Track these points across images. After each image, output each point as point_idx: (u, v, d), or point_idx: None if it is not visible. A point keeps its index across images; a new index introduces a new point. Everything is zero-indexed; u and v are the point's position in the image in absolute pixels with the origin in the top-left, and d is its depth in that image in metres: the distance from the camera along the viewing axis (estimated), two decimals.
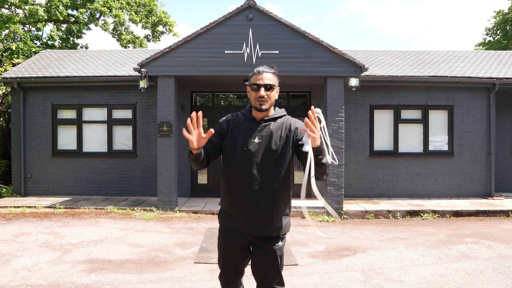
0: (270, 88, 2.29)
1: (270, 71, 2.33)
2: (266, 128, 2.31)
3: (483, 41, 23.77)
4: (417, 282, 4.19)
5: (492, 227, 6.95)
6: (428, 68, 10.03)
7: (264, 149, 2.26)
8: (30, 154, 9.79)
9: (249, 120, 2.35)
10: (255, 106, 2.30)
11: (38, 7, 15.36)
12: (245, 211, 2.28)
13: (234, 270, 2.41)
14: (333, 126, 8.16)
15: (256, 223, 2.27)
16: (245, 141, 2.28)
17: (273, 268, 2.31)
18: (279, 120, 2.36)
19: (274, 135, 2.29)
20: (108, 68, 10.21)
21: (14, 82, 9.46)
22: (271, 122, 2.34)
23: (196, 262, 4.82)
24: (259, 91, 2.27)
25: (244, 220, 2.28)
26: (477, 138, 9.70)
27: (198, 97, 10.12)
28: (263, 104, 2.28)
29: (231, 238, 2.36)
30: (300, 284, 4.12)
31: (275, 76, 2.35)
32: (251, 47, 8.06)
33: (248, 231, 2.29)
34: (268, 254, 2.29)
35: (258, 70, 2.31)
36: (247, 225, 2.28)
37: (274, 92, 2.32)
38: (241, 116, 2.40)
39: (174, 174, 8.23)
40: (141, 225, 6.84)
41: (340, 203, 8.06)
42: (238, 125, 2.35)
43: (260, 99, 2.27)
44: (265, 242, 2.29)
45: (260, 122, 2.33)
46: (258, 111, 2.31)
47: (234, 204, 2.31)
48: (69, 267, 4.59)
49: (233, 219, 2.34)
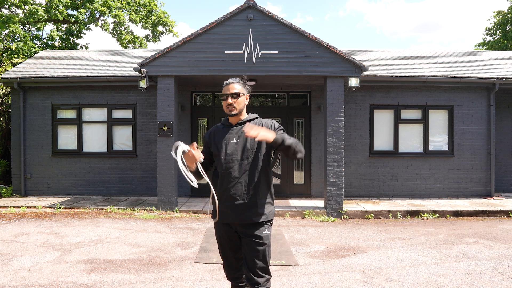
0: (237, 95, 2.67)
1: (236, 81, 2.71)
2: (241, 129, 2.66)
3: (483, 41, 23.78)
4: (417, 282, 4.20)
5: (492, 227, 6.95)
6: (428, 68, 10.03)
7: (242, 147, 2.63)
8: (30, 154, 9.79)
9: (227, 126, 2.76)
10: (226, 112, 2.70)
11: (38, 7, 15.36)
12: (231, 203, 2.59)
13: (233, 256, 2.72)
14: (333, 126, 8.16)
15: (241, 212, 2.58)
16: (226, 143, 2.67)
17: (259, 255, 2.57)
18: (252, 121, 2.72)
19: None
20: (108, 68, 10.22)
21: (14, 82, 9.46)
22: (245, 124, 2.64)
23: (196, 262, 4.82)
24: (227, 100, 2.66)
25: (231, 211, 2.60)
26: (477, 138, 9.70)
27: (198, 97, 10.12)
28: (232, 110, 2.67)
29: (224, 229, 2.68)
30: (300, 284, 4.12)
31: (242, 85, 2.73)
32: (251, 47, 8.06)
33: (236, 220, 2.60)
34: (253, 240, 2.57)
35: (226, 83, 2.71)
36: (234, 216, 2.60)
37: (241, 99, 2.69)
38: (220, 125, 2.81)
39: (174, 174, 8.22)
40: (141, 225, 6.84)
41: (340, 203, 8.06)
42: (218, 133, 2.75)
43: (229, 106, 2.67)
44: (251, 229, 2.59)
45: (236, 125, 2.71)
46: (229, 117, 2.72)
47: (222, 199, 2.63)
48: (69, 267, 4.59)
49: (223, 213, 2.64)
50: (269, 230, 2.64)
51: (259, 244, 2.57)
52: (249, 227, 2.59)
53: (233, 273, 2.78)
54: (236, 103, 2.66)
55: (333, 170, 8.14)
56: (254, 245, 2.56)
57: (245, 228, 2.60)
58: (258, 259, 2.56)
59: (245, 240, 2.60)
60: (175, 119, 8.28)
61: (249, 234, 2.58)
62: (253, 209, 2.59)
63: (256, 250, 2.56)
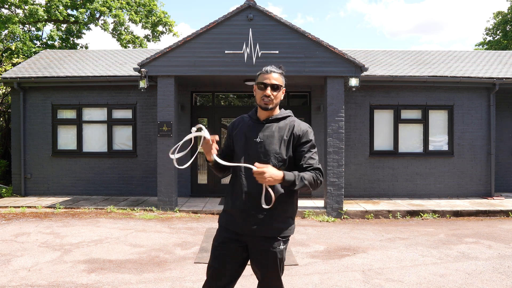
0: (277, 88, 2.30)
1: (278, 71, 2.34)
2: (269, 128, 2.32)
3: (483, 41, 23.77)
4: (417, 282, 4.19)
5: (492, 227, 6.95)
6: (428, 68, 10.03)
7: (265, 149, 2.27)
8: (30, 154, 9.79)
9: (254, 120, 2.39)
10: (260, 105, 2.32)
11: (38, 7, 15.36)
12: (245, 211, 2.25)
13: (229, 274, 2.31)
14: (333, 126, 8.16)
15: (255, 223, 2.24)
16: (248, 141, 2.31)
17: (272, 271, 2.26)
18: (283, 121, 2.36)
19: (276, 136, 2.29)
20: (108, 68, 10.21)
21: (14, 82, 9.45)
22: (274, 123, 2.35)
23: (196, 262, 4.82)
24: (266, 90, 2.28)
25: (243, 219, 2.26)
26: (477, 138, 9.70)
27: (198, 97, 10.12)
28: (268, 104, 2.30)
29: (227, 236, 2.32)
30: (300, 284, 4.12)
31: (282, 77, 2.37)
32: (251, 47, 8.06)
33: (247, 231, 2.26)
34: (267, 255, 2.24)
35: (266, 70, 2.33)
36: (246, 225, 2.25)
37: (280, 93, 2.33)
38: (246, 117, 2.44)
39: (174, 174, 8.22)
40: (141, 225, 6.84)
41: (340, 203, 8.06)
42: (243, 126, 2.39)
43: (266, 98, 2.29)
44: (264, 242, 2.25)
45: (264, 122, 2.35)
46: (263, 110, 2.34)
47: (235, 204, 2.30)
48: (69, 267, 4.59)
49: (232, 219, 2.31)
50: (285, 244, 2.29)
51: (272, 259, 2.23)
52: (262, 240, 2.25)
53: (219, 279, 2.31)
54: (275, 97, 2.29)
55: (333, 170, 8.13)
56: (267, 260, 2.24)
57: (257, 239, 2.26)
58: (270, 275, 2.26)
59: (256, 252, 2.27)
60: (175, 119, 8.28)
61: (261, 247, 2.24)
62: (269, 222, 2.24)
63: (268, 264, 2.24)
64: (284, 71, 2.42)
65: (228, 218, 2.35)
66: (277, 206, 2.23)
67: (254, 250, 2.28)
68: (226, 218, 2.36)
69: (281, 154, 2.26)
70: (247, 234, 2.27)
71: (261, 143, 2.28)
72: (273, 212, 2.24)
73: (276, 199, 2.18)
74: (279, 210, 2.26)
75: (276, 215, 2.26)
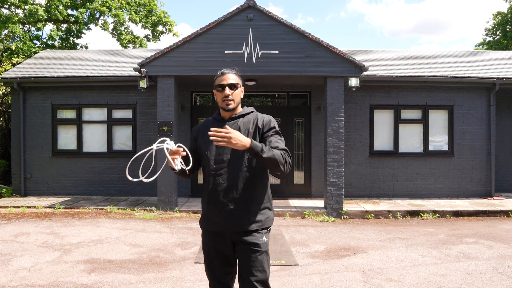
0: (234, 87, 2.38)
1: (232, 71, 2.42)
2: (234, 125, 2.38)
3: (483, 41, 23.77)
4: (417, 282, 4.19)
5: (492, 227, 6.95)
6: (428, 68, 10.03)
7: None
8: (30, 154, 9.78)
9: (218, 120, 2.45)
10: (222, 107, 2.40)
11: (38, 7, 15.35)
12: (221, 209, 2.30)
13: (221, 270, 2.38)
14: (333, 126, 8.16)
15: (234, 219, 2.28)
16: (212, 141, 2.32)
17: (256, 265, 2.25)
18: (247, 116, 2.43)
19: (241, 130, 2.35)
20: (108, 68, 10.21)
21: (14, 82, 9.45)
22: (239, 119, 2.41)
23: (196, 262, 4.82)
24: (224, 91, 2.36)
25: (221, 218, 2.30)
26: (477, 138, 9.70)
27: (198, 97, 10.12)
28: (229, 104, 2.37)
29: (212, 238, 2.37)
30: (300, 284, 4.12)
31: (238, 76, 2.44)
32: (251, 47, 8.06)
33: (227, 229, 2.30)
34: (249, 247, 2.27)
35: (221, 72, 2.41)
36: (225, 223, 2.30)
37: (238, 91, 2.41)
38: (211, 119, 2.51)
39: (174, 174, 8.21)
40: (141, 225, 6.84)
41: (340, 203, 8.06)
42: (206, 129, 2.38)
43: (226, 98, 2.36)
44: (246, 236, 2.28)
45: (229, 120, 2.41)
46: (225, 111, 2.41)
47: (210, 204, 2.35)
48: (69, 267, 4.59)
49: (211, 220, 2.36)
50: (267, 237, 2.33)
51: (255, 251, 2.25)
52: (244, 235, 2.29)
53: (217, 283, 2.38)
54: (233, 95, 2.36)
55: (333, 170, 8.13)
56: (250, 252, 2.25)
57: (239, 236, 2.29)
58: (255, 270, 2.23)
59: (240, 249, 2.30)
60: (175, 119, 8.28)
61: (244, 242, 2.28)
62: (246, 216, 2.28)
63: (252, 259, 2.24)
64: (239, 72, 2.48)
65: (207, 220, 2.39)
66: (253, 199, 2.31)
67: (238, 248, 2.32)
68: (206, 220, 2.41)
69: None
70: (229, 232, 2.31)
71: None
72: (250, 206, 2.30)
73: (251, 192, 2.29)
74: (255, 203, 2.33)
75: (254, 208, 2.32)
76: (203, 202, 2.44)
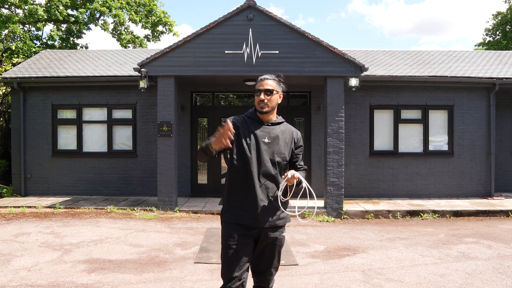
0: (270, 92, 2.56)
1: (271, 77, 2.61)
2: (273, 130, 2.61)
3: (483, 41, 23.77)
4: (417, 282, 4.20)
5: (492, 227, 6.95)
6: (428, 68, 10.03)
7: (273, 148, 2.56)
8: (30, 154, 9.79)
9: (256, 121, 2.62)
10: (258, 109, 2.60)
11: (38, 7, 15.34)
12: (256, 205, 2.49)
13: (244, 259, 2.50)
14: (333, 126, 8.16)
15: (267, 215, 2.52)
16: (257, 140, 2.55)
17: (277, 255, 2.62)
18: (282, 125, 2.68)
19: (280, 137, 2.60)
20: (108, 68, 10.21)
21: (14, 82, 9.45)
22: (277, 126, 2.64)
23: (196, 262, 4.82)
24: (260, 96, 2.55)
25: (255, 213, 2.49)
26: (477, 138, 9.70)
27: (198, 97, 10.12)
28: (263, 107, 2.56)
29: (239, 231, 2.50)
30: (300, 284, 4.12)
31: (277, 83, 2.61)
32: (251, 47, 8.06)
33: (259, 224, 2.51)
34: (276, 242, 2.58)
35: (260, 78, 2.62)
36: (259, 219, 2.50)
37: (275, 97, 2.59)
38: (247, 118, 2.65)
39: (174, 174, 8.22)
40: (141, 225, 6.84)
41: (340, 203, 8.06)
42: (246, 126, 2.60)
43: (260, 103, 2.55)
44: (274, 232, 2.56)
45: (267, 124, 2.62)
46: (260, 114, 2.60)
47: (246, 199, 2.52)
48: (69, 267, 4.59)
49: (243, 214, 2.52)
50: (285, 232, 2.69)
51: (278, 246, 2.61)
52: (272, 230, 2.56)
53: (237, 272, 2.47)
54: (269, 101, 2.55)
55: (333, 170, 8.13)
56: (274, 246, 2.59)
57: (268, 230, 2.55)
58: (276, 260, 2.64)
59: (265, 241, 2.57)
60: (175, 119, 8.28)
61: (271, 236, 2.56)
62: (277, 213, 2.57)
63: (275, 252, 2.61)
64: (282, 79, 2.65)
65: (238, 213, 2.53)
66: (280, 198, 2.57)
67: (264, 240, 2.56)
68: (236, 213, 2.54)
69: (285, 155, 2.60)
70: (259, 227, 2.52)
71: (269, 143, 2.56)
72: (277, 204, 2.55)
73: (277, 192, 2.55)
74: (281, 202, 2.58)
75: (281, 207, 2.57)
76: (235, 196, 2.55)
